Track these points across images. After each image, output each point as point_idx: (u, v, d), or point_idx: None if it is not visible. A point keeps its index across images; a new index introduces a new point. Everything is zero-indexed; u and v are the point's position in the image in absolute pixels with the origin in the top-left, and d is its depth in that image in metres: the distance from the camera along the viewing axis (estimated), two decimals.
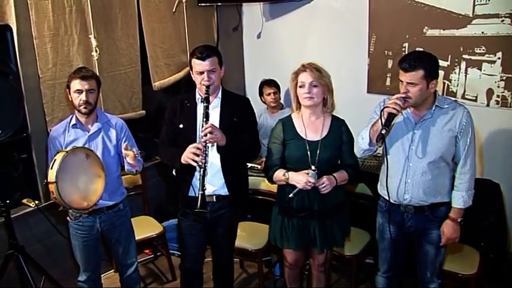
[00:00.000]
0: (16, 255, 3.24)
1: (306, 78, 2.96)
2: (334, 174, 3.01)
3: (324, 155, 3.00)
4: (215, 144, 3.01)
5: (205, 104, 2.96)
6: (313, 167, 2.95)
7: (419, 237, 3.03)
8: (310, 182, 2.91)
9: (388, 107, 2.71)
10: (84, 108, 3.07)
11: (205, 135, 2.88)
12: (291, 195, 2.98)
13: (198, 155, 2.87)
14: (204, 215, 2.94)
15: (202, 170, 2.90)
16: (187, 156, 2.90)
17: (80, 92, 3.03)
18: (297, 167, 3.02)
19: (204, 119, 2.94)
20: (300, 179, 2.94)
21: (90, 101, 3.07)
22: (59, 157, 2.90)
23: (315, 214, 3.04)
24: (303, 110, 3.08)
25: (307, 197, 3.02)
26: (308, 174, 2.92)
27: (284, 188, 3.09)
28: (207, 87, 2.97)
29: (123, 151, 3.08)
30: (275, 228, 3.19)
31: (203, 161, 2.88)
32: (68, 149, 2.96)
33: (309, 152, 3.00)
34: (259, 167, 4.19)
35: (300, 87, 2.98)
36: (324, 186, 2.94)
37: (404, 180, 2.92)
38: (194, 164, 2.90)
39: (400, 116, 2.87)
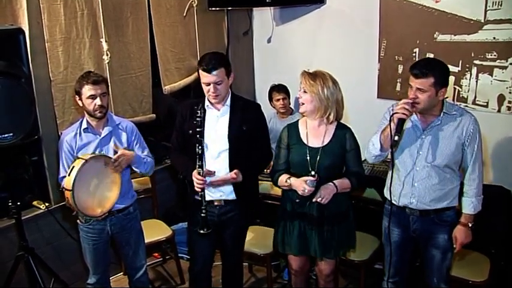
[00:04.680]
0: (26, 256, 3.26)
1: (301, 84, 2.97)
2: (335, 181, 2.98)
3: (323, 162, 2.99)
4: (227, 152, 3.08)
5: (199, 138, 2.98)
6: (312, 172, 2.96)
7: (426, 241, 3.03)
8: (308, 190, 2.92)
9: (398, 112, 2.71)
10: (100, 112, 3.08)
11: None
12: (297, 200, 3.03)
13: (198, 184, 3.00)
14: (207, 232, 3.06)
15: (200, 195, 3.03)
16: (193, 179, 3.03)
17: (94, 97, 3.04)
18: (298, 172, 3.04)
19: (198, 146, 2.97)
20: (298, 185, 2.96)
21: (104, 105, 3.08)
22: (77, 164, 2.91)
23: (314, 220, 3.04)
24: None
25: (307, 202, 3.01)
26: (306, 181, 2.92)
27: (287, 192, 3.12)
28: (201, 121, 2.98)
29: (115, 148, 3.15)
30: (277, 233, 3.21)
31: (201, 190, 3.01)
32: (88, 156, 2.97)
33: (308, 158, 3.00)
34: (267, 171, 4.17)
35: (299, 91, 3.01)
36: (321, 197, 2.93)
37: (411, 184, 2.93)
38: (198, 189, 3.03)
39: (408, 121, 2.87)
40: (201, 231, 3.04)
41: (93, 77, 3.06)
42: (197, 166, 2.98)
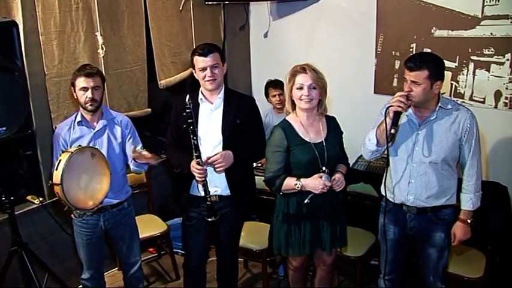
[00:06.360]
0: (20, 252, 3.23)
1: (305, 80, 2.88)
2: (339, 169, 3.03)
3: (330, 154, 2.98)
4: (221, 146, 3.05)
5: (189, 121, 2.92)
6: (323, 168, 2.94)
7: (422, 239, 3.01)
8: (327, 186, 2.89)
9: (393, 105, 2.70)
10: (91, 105, 3.06)
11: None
12: (306, 200, 2.94)
13: (199, 174, 2.98)
14: (216, 219, 3.07)
15: (203, 185, 3.02)
16: (192, 170, 3.01)
17: (85, 89, 3.03)
18: (306, 172, 2.94)
19: (192, 136, 2.94)
20: (316, 184, 2.89)
21: (96, 98, 3.07)
22: (64, 157, 2.87)
23: (327, 215, 3.03)
24: (299, 112, 3.00)
25: (319, 199, 2.97)
26: (321, 177, 2.89)
27: (288, 195, 3.01)
28: (191, 112, 2.91)
29: (132, 154, 3.08)
30: (279, 237, 3.10)
31: (203, 180, 3.00)
32: (73, 149, 2.94)
33: (317, 154, 2.95)
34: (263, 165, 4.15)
35: (298, 89, 2.90)
36: (339, 184, 2.95)
37: (407, 180, 2.92)
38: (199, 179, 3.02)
39: (404, 116, 2.85)
40: (209, 220, 3.06)
41: (88, 69, 3.06)
42: (195, 157, 2.96)
